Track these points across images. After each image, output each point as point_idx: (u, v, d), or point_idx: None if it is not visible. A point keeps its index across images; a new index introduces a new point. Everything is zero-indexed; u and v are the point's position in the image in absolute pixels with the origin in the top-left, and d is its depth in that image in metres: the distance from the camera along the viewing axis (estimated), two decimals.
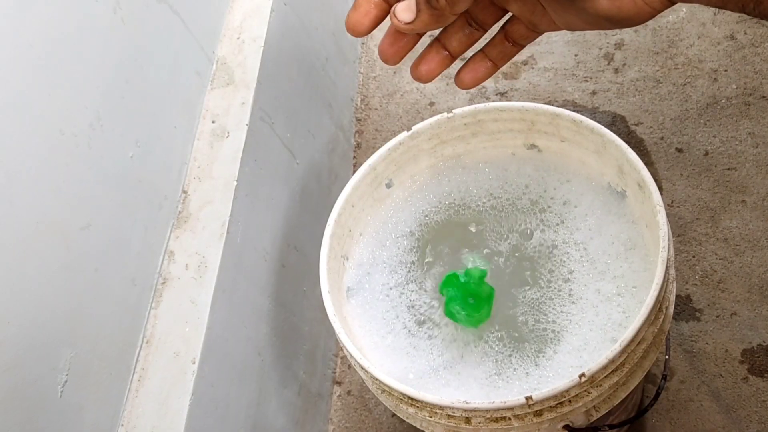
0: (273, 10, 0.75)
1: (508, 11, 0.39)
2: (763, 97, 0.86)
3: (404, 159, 0.64)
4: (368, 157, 0.62)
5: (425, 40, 0.41)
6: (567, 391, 0.47)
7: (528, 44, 0.40)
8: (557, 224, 0.60)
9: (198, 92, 0.68)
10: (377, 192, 0.64)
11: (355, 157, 0.97)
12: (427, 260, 0.62)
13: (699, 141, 0.85)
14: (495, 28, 0.41)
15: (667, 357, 0.63)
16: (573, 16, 0.35)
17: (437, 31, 0.40)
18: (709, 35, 0.92)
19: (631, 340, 0.48)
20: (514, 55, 0.41)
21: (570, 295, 0.57)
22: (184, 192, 0.64)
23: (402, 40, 0.39)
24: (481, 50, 0.41)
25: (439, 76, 0.45)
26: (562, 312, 0.56)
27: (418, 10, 0.35)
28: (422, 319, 0.59)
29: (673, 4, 0.33)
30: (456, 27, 0.39)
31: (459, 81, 0.42)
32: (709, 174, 0.83)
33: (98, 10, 0.54)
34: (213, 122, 0.68)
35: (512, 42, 0.40)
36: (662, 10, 0.34)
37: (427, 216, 0.64)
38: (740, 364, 0.71)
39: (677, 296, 0.77)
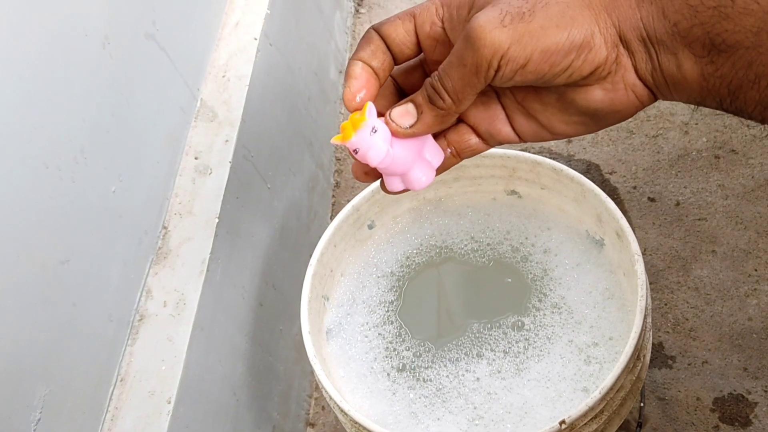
0: (259, 50, 0.76)
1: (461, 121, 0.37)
2: (732, 150, 0.88)
3: (387, 201, 0.65)
4: (347, 197, 0.63)
5: None
6: None
7: (467, 158, 0.38)
8: (538, 272, 0.60)
9: (181, 128, 0.68)
10: (359, 233, 0.64)
11: (334, 196, 0.97)
12: (405, 302, 0.62)
13: (670, 191, 0.87)
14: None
15: (642, 404, 0.63)
16: (553, 116, 0.35)
17: None
18: None
19: (611, 388, 0.48)
20: (452, 166, 0.38)
21: (545, 343, 0.57)
22: (165, 228, 0.63)
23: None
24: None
25: None
26: (537, 362, 0.57)
27: (420, 113, 0.34)
28: (401, 365, 0.58)
29: (657, 100, 0.34)
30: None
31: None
32: (680, 224, 0.85)
33: (87, 44, 0.54)
34: (196, 159, 0.68)
35: (454, 152, 0.38)
36: (647, 106, 0.34)
37: (408, 258, 0.64)
38: (711, 412, 0.72)
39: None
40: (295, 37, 0.89)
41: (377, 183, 0.63)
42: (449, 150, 0.37)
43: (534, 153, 0.96)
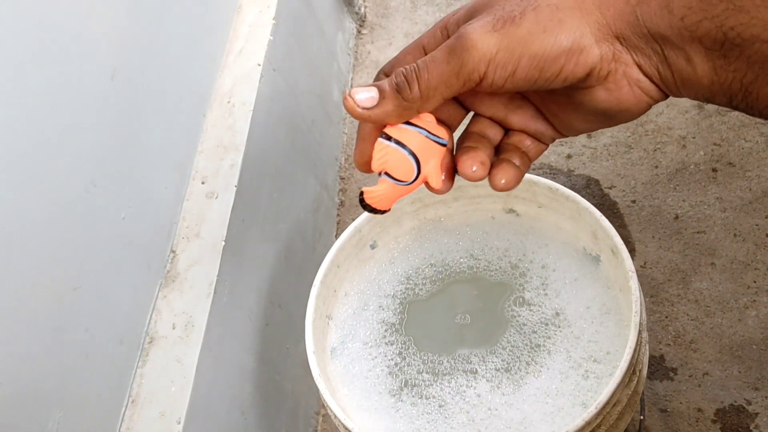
0: (262, 76, 0.78)
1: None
2: (730, 163, 0.90)
3: (388, 221, 0.66)
4: (352, 215, 0.65)
5: None
6: None
7: (537, 158, 0.38)
8: (536, 288, 0.62)
9: (188, 154, 0.71)
10: (362, 253, 0.66)
11: (338, 215, 0.99)
12: (407, 320, 0.63)
13: (669, 205, 0.89)
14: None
15: (642, 417, 0.64)
16: (570, 115, 0.35)
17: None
18: (678, 104, 0.96)
19: (606, 403, 0.50)
20: (529, 165, 0.37)
21: (545, 359, 0.58)
22: (173, 252, 0.65)
23: None
24: (502, 154, 0.37)
25: None
26: (536, 378, 0.58)
27: (382, 98, 0.33)
28: (404, 382, 0.60)
29: (667, 97, 0.33)
30: (475, 137, 0.37)
31: (496, 181, 0.36)
32: (679, 237, 0.86)
33: (96, 76, 0.57)
34: (202, 183, 0.70)
35: (523, 153, 0.37)
36: (658, 101, 0.33)
37: (410, 277, 0.66)
38: (713, 423, 0.73)
39: (651, 356, 0.79)
40: (297, 61, 0.91)
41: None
42: (515, 161, 0.36)
43: (534, 168, 0.98)
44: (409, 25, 1.18)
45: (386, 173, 0.35)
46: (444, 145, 0.35)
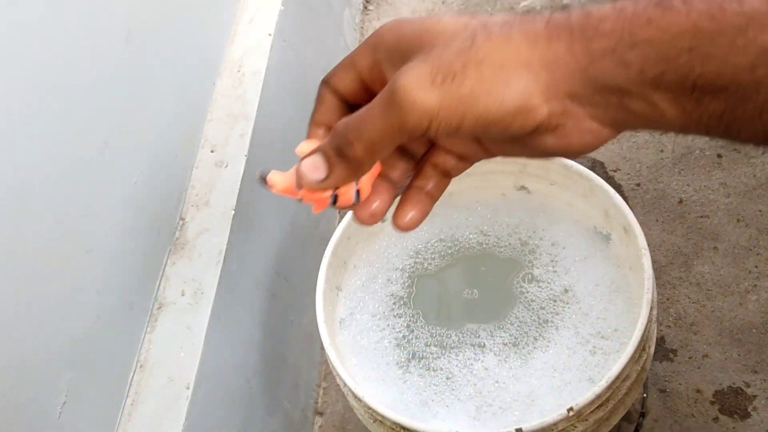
0: (273, 46, 0.77)
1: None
2: (735, 149, 0.90)
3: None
4: None
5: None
6: (555, 424, 0.49)
7: (458, 175, 0.36)
8: (545, 264, 0.62)
9: (198, 122, 0.70)
10: (372, 226, 0.66)
11: None
12: (415, 294, 0.63)
13: (674, 189, 0.89)
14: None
15: (644, 395, 0.65)
16: (516, 151, 0.33)
17: None
18: None
19: (617, 377, 0.50)
20: (446, 187, 0.36)
21: (552, 334, 0.59)
22: (182, 219, 0.65)
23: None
24: (413, 186, 0.35)
25: None
26: (543, 352, 0.58)
27: (331, 165, 0.31)
28: (412, 354, 0.60)
29: (619, 132, 0.31)
30: (393, 158, 0.35)
31: (400, 220, 0.35)
32: (683, 221, 0.86)
33: (111, 38, 0.56)
34: (212, 152, 0.69)
35: (443, 173, 0.35)
36: (611, 139, 0.31)
37: (419, 251, 0.66)
38: (711, 404, 0.74)
39: None
40: (307, 33, 0.90)
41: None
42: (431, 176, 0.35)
43: None
44: (416, 2, 1.18)
45: (301, 185, 0.33)
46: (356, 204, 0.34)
